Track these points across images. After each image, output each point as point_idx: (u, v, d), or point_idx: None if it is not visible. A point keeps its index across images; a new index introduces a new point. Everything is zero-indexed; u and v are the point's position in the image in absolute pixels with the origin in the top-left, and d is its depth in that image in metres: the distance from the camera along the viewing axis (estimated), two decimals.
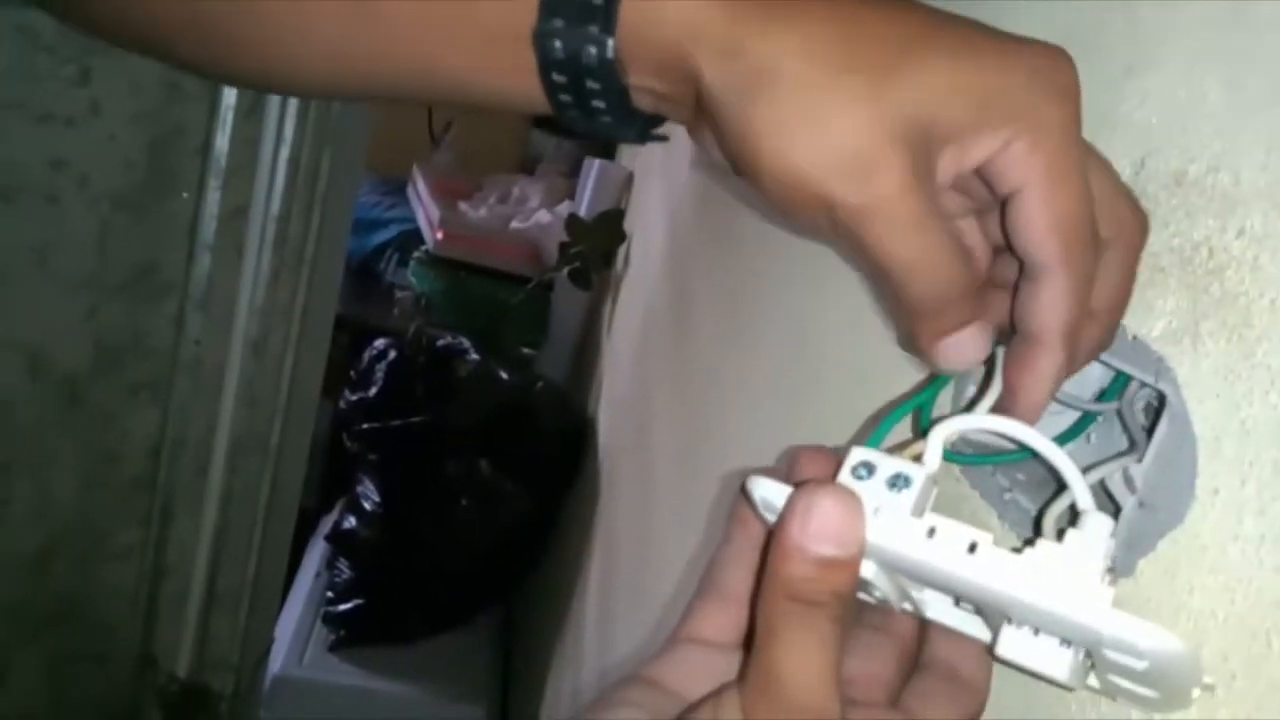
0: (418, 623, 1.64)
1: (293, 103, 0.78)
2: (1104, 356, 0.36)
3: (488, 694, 1.65)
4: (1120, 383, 0.38)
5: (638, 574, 1.12)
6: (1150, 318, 0.35)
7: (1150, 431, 0.34)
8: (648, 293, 1.44)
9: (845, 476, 0.30)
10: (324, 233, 0.84)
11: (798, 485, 0.28)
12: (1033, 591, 0.26)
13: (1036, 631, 0.28)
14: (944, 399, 0.43)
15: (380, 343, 1.74)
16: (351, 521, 1.67)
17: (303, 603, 1.69)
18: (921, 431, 0.32)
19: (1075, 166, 0.30)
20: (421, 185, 2.20)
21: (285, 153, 0.79)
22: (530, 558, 1.69)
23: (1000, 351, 0.34)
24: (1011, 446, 0.40)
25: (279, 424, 0.87)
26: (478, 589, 1.69)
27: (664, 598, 0.94)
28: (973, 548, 0.27)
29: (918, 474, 0.29)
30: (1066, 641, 0.28)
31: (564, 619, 1.49)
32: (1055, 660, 0.28)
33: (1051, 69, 0.31)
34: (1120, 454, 0.35)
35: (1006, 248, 0.32)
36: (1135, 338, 0.35)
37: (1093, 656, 0.28)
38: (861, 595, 0.31)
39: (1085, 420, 0.39)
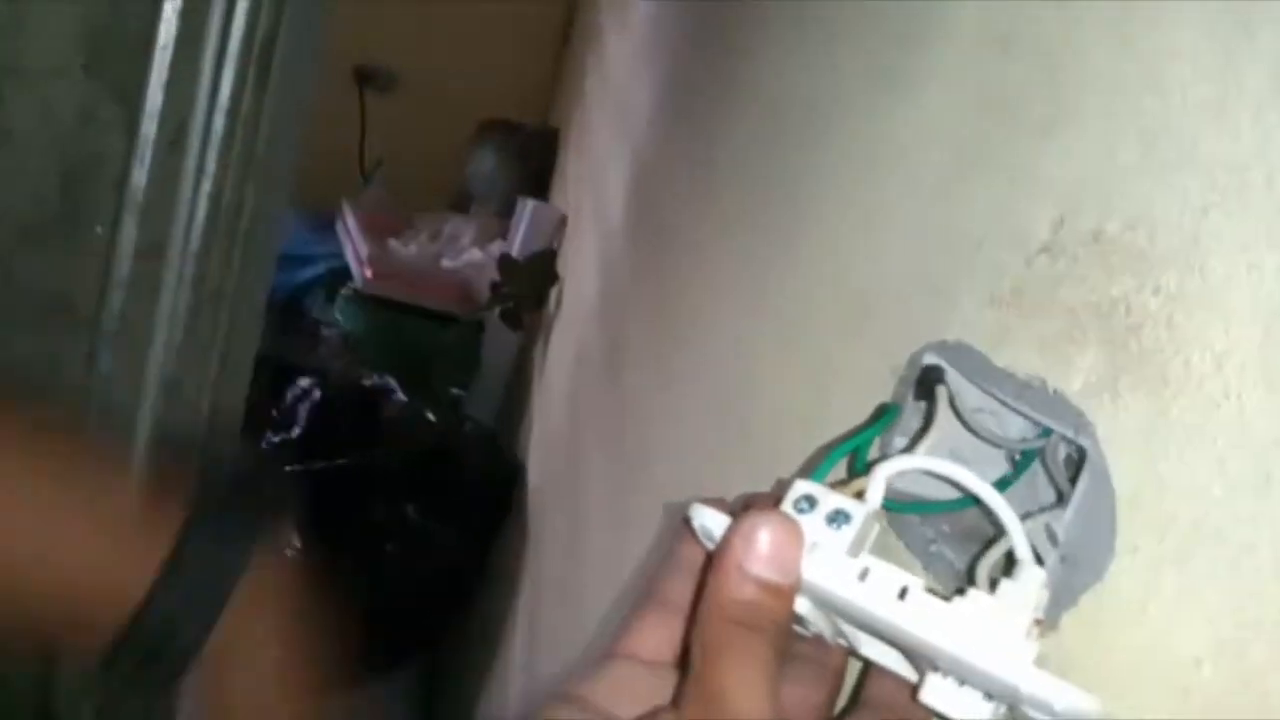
0: (339, 671, 1.59)
1: (215, 135, 0.76)
2: (1025, 409, 0.37)
3: None
4: (1044, 434, 0.38)
5: (566, 621, 1.10)
6: (1070, 373, 0.36)
7: (1073, 484, 0.34)
8: (580, 334, 1.44)
9: (787, 508, 0.30)
10: (246, 270, 0.81)
11: (739, 513, 0.28)
12: (956, 644, 0.26)
13: (961, 682, 0.28)
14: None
15: (304, 382, 1.70)
16: None
17: None
18: (857, 470, 0.32)
19: None
20: (351, 221, 2.17)
21: (207, 187, 0.76)
22: (458, 603, 1.66)
23: (941, 391, 0.35)
24: (943, 497, 0.41)
25: (195, 466, 0.84)
26: (402, 636, 1.65)
27: (589, 650, 0.92)
28: (903, 593, 0.27)
29: (858, 511, 0.29)
30: (989, 695, 0.28)
31: (489, 667, 1.46)
32: (976, 712, 0.28)
33: None
34: (1046, 508, 0.36)
35: None
36: (1055, 391, 0.36)
37: (1012, 711, 0.28)
38: (797, 628, 0.31)
39: (1022, 464, 0.39)
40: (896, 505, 0.40)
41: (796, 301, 0.63)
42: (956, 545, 0.40)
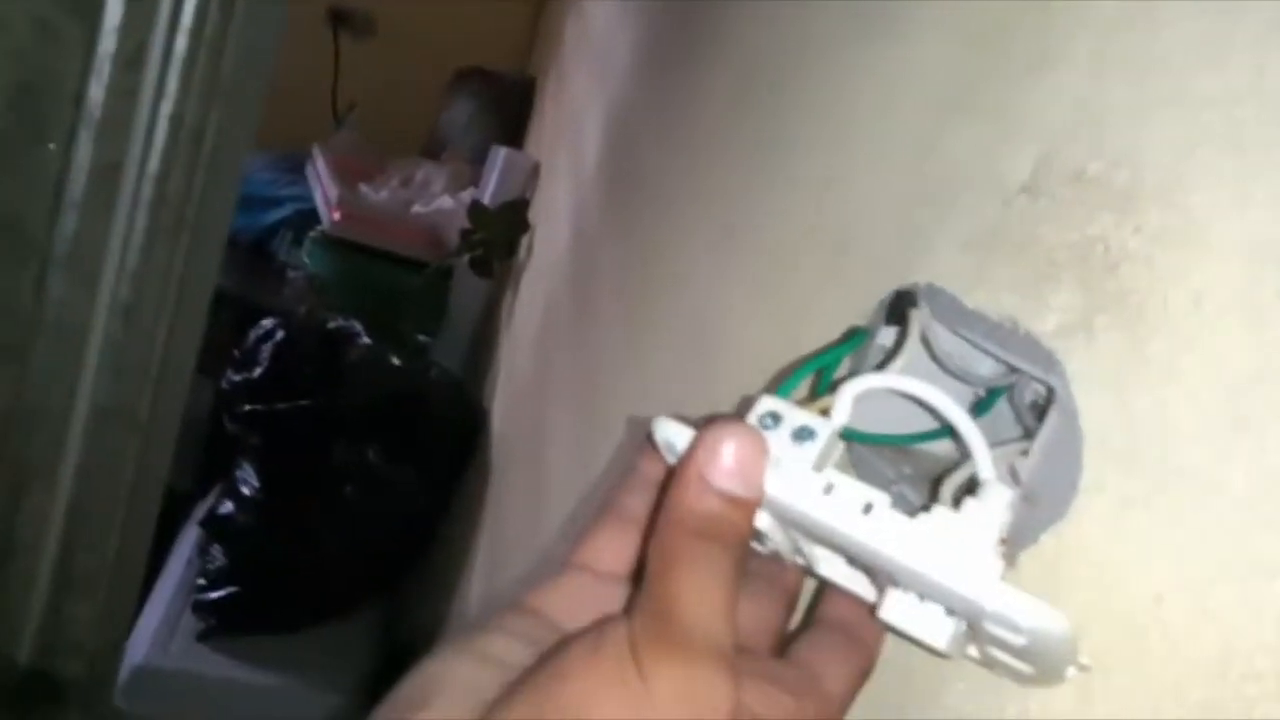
0: (294, 613, 1.58)
1: (177, 55, 0.73)
2: (994, 349, 0.36)
3: (365, 687, 1.60)
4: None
5: (523, 570, 1.09)
6: (1044, 312, 0.35)
7: (1040, 425, 0.34)
8: (550, 284, 1.42)
9: (752, 423, 0.29)
10: (207, 197, 0.79)
11: (703, 427, 0.27)
12: (920, 559, 0.26)
13: (922, 598, 0.28)
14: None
15: (267, 322, 1.67)
16: (229, 506, 1.60)
17: (171, 590, 1.61)
18: (822, 390, 0.31)
19: None
20: (321, 164, 2.13)
21: (167, 108, 0.74)
22: (417, 549, 1.65)
23: (914, 314, 0.34)
24: (910, 431, 0.40)
25: (148, 396, 0.82)
26: (360, 580, 1.64)
27: None
28: (868, 508, 0.26)
29: (823, 428, 0.28)
30: (950, 610, 0.27)
31: (448, 610, 1.45)
32: (936, 629, 0.27)
33: None
34: (1009, 441, 0.35)
35: None
36: (1027, 332, 0.35)
37: (973, 628, 0.27)
38: (754, 545, 0.30)
39: (988, 401, 0.38)
40: (859, 435, 0.39)
41: (770, 248, 0.62)
42: (918, 485, 0.40)
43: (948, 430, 0.40)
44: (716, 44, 0.88)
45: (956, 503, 0.28)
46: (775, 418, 0.29)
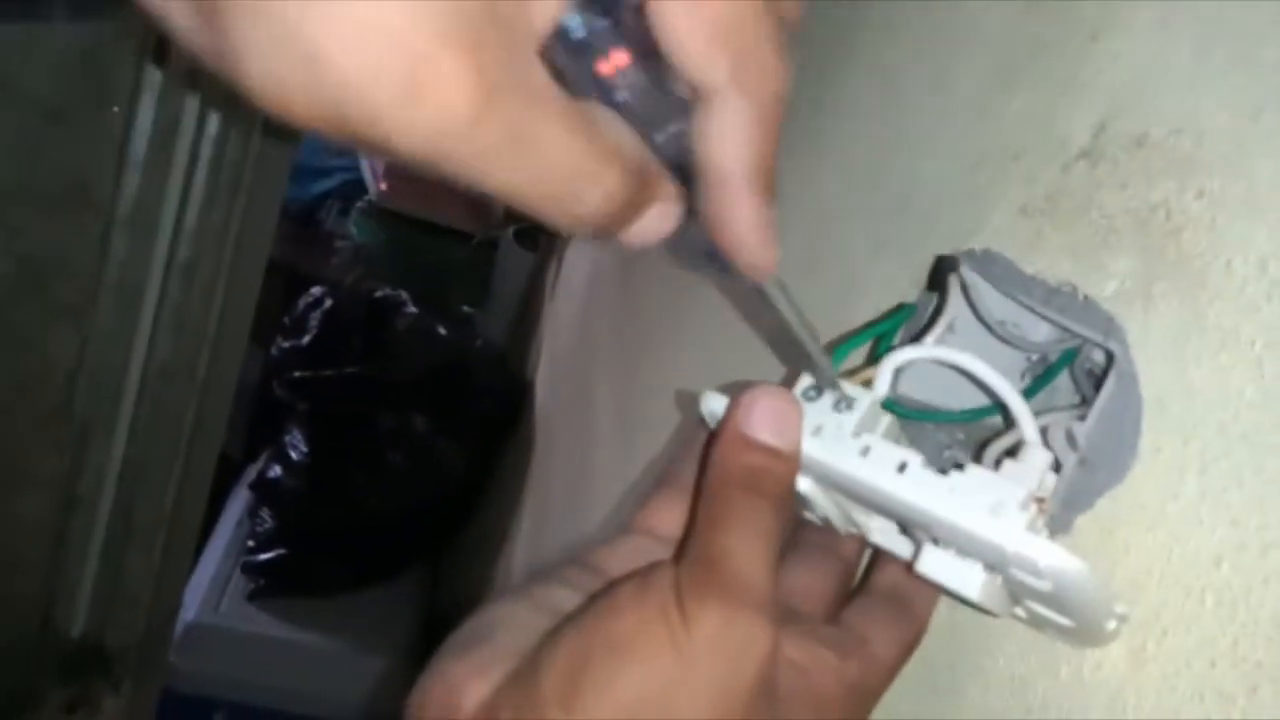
0: (340, 576, 1.61)
1: None
2: (1053, 315, 0.36)
3: (408, 649, 1.63)
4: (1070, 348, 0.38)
5: (570, 537, 1.11)
6: (1103, 279, 0.35)
7: (1097, 391, 0.34)
8: (594, 257, 1.43)
9: (795, 395, 0.30)
10: (264, 159, 0.80)
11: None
12: (947, 509, 0.27)
13: (954, 551, 0.28)
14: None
15: (316, 290, 1.70)
16: (277, 471, 1.63)
17: (222, 551, 1.65)
18: (876, 360, 0.32)
19: None
20: None
21: None
22: (460, 516, 1.68)
23: (953, 279, 0.34)
24: (957, 407, 0.40)
25: (206, 354, 0.84)
26: (404, 545, 1.67)
27: None
28: (902, 467, 0.28)
29: (863, 398, 0.30)
30: (990, 567, 0.28)
31: (490, 579, 1.48)
32: (968, 579, 0.28)
33: None
34: (1066, 407, 0.35)
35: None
36: (1086, 297, 0.35)
37: (1005, 579, 0.28)
38: (806, 514, 0.32)
39: (1057, 366, 0.38)
40: (906, 412, 0.40)
41: (824, 214, 0.62)
42: (971, 452, 0.40)
43: (994, 407, 0.40)
44: None
45: (997, 465, 0.29)
46: (818, 390, 0.30)
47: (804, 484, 0.30)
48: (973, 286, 0.39)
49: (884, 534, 0.32)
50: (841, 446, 0.29)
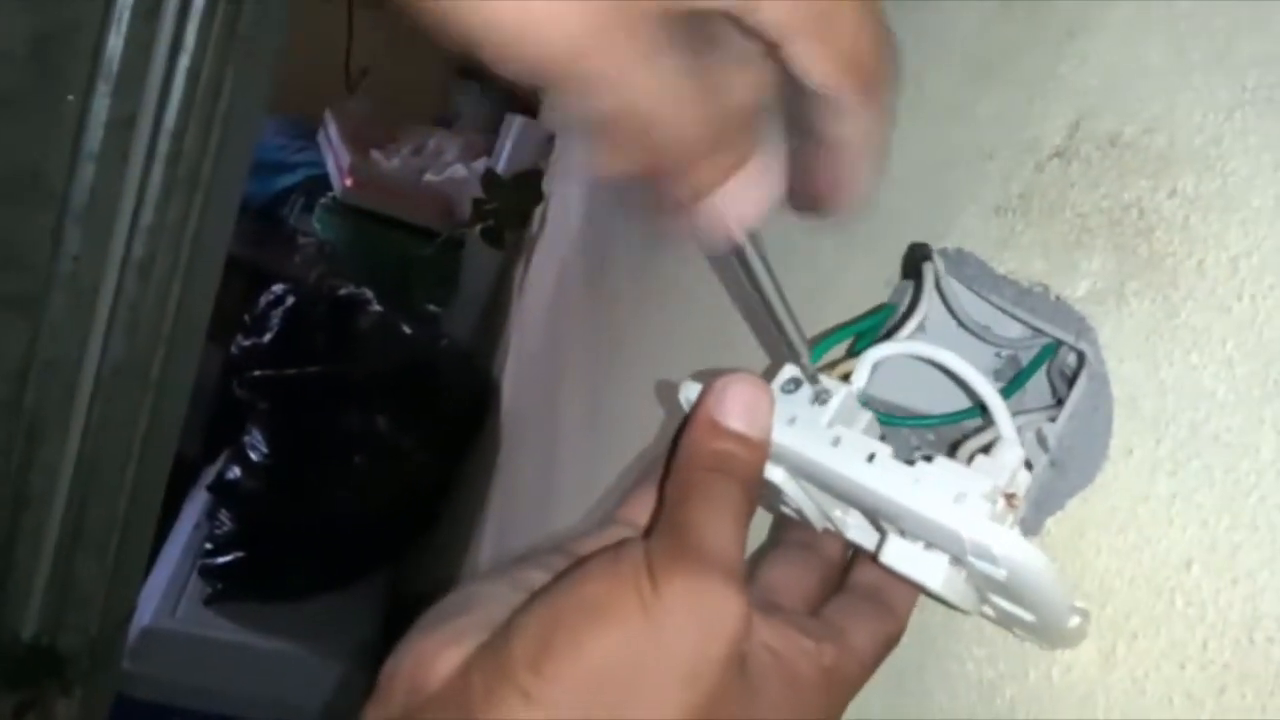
0: (301, 579, 1.58)
1: (195, 8, 0.72)
2: (1024, 315, 0.36)
3: (369, 654, 1.61)
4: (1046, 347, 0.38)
5: (536, 540, 1.10)
6: (1075, 278, 0.35)
7: (1070, 391, 0.33)
8: (563, 256, 1.42)
9: (775, 388, 0.31)
10: (223, 154, 0.78)
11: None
12: (908, 497, 0.27)
13: (915, 540, 0.28)
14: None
15: (278, 288, 1.67)
16: (236, 472, 1.60)
17: (179, 553, 1.62)
18: (856, 353, 0.32)
19: None
20: (333, 130, 2.12)
21: (185, 62, 0.73)
22: (424, 519, 1.66)
23: (928, 269, 0.34)
24: (935, 411, 0.40)
25: (162, 353, 0.82)
26: (367, 548, 1.65)
27: None
28: (871, 458, 0.28)
29: (840, 391, 0.30)
30: (943, 551, 0.28)
31: (454, 580, 1.46)
32: (929, 569, 0.28)
33: None
34: (1038, 409, 0.35)
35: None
36: (1058, 298, 0.35)
37: (971, 575, 0.28)
38: (784, 509, 0.32)
39: (1033, 366, 0.38)
40: (885, 418, 0.40)
41: (790, 218, 0.61)
42: (940, 449, 0.39)
43: (964, 411, 0.40)
44: None
45: (971, 461, 0.28)
46: (797, 383, 0.31)
47: (777, 475, 0.30)
48: (946, 280, 0.39)
49: (860, 530, 0.32)
50: (814, 436, 0.29)
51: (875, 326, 0.36)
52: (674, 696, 0.25)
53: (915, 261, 0.38)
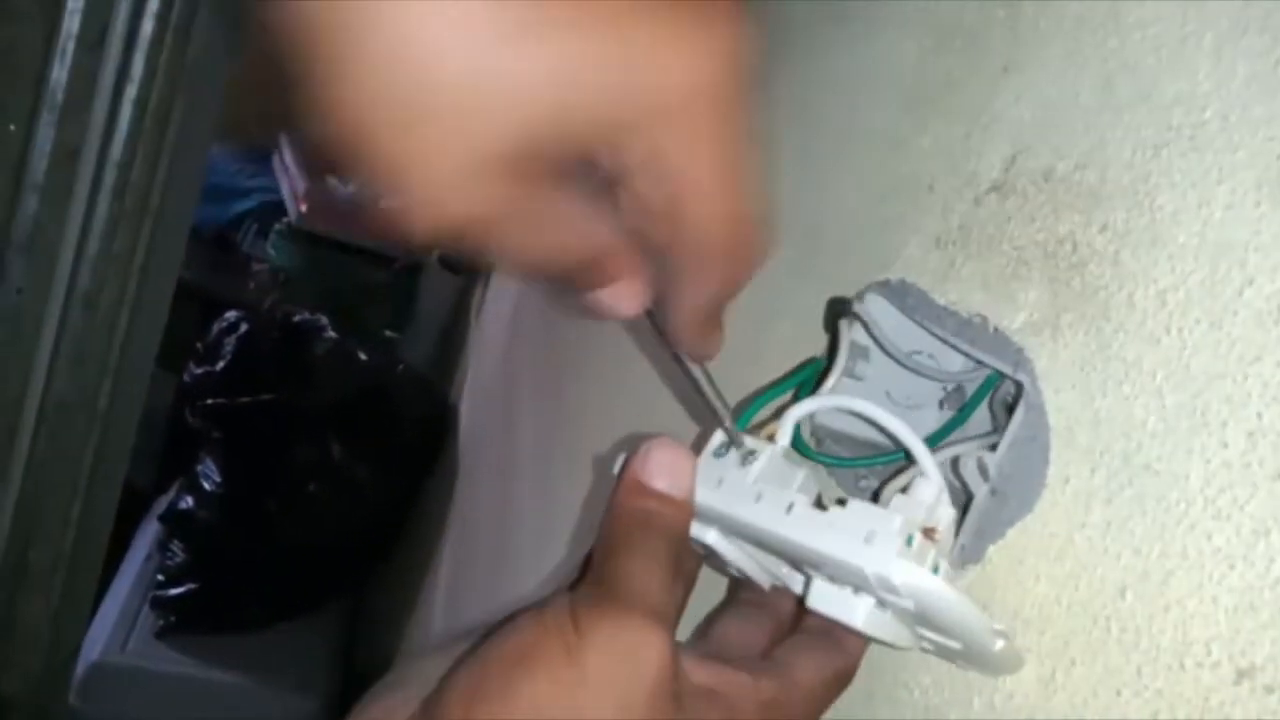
0: (255, 611, 1.56)
1: (142, 38, 0.71)
2: (964, 346, 0.37)
3: (325, 687, 1.58)
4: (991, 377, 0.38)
5: (493, 567, 1.09)
6: (1012, 309, 0.35)
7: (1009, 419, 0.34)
8: (520, 284, 1.41)
9: (707, 454, 0.32)
10: (171, 185, 0.77)
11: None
12: (819, 540, 0.28)
13: (857, 590, 0.29)
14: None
15: (231, 315, 1.65)
16: (189, 502, 1.57)
17: (129, 586, 1.58)
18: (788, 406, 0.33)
19: (718, 165, 0.24)
20: (289, 156, 2.10)
21: (132, 92, 0.72)
22: (381, 548, 1.64)
23: (844, 325, 0.36)
24: (878, 450, 0.41)
25: (108, 386, 0.80)
26: (323, 578, 1.63)
27: (519, 592, 0.92)
28: (789, 508, 0.29)
29: (765, 451, 0.31)
30: (858, 589, 0.29)
31: (412, 610, 1.44)
32: (849, 608, 0.29)
33: (699, 44, 0.22)
34: (979, 436, 0.35)
35: None
36: (996, 329, 0.36)
37: (894, 610, 0.29)
38: (730, 572, 0.33)
39: (972, 402, 0.39)
40: (826, 459, 0.41)
41: None
42: (884, 479, 0.40)
43: (900, 453, 0.40)
44: None
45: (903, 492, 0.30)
46: (727, 447, 0.32)
47: (710, 536, 0.31)
48: (874, 323, 0.40)
49: (795, 581, 0.33)
50: (737, 495, 0.30)
51: (810, 377, 0.37)
52: None
53: (833, 317, 0.39)
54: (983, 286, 0.37)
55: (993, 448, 0.34)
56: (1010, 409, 0.35)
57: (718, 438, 0.33)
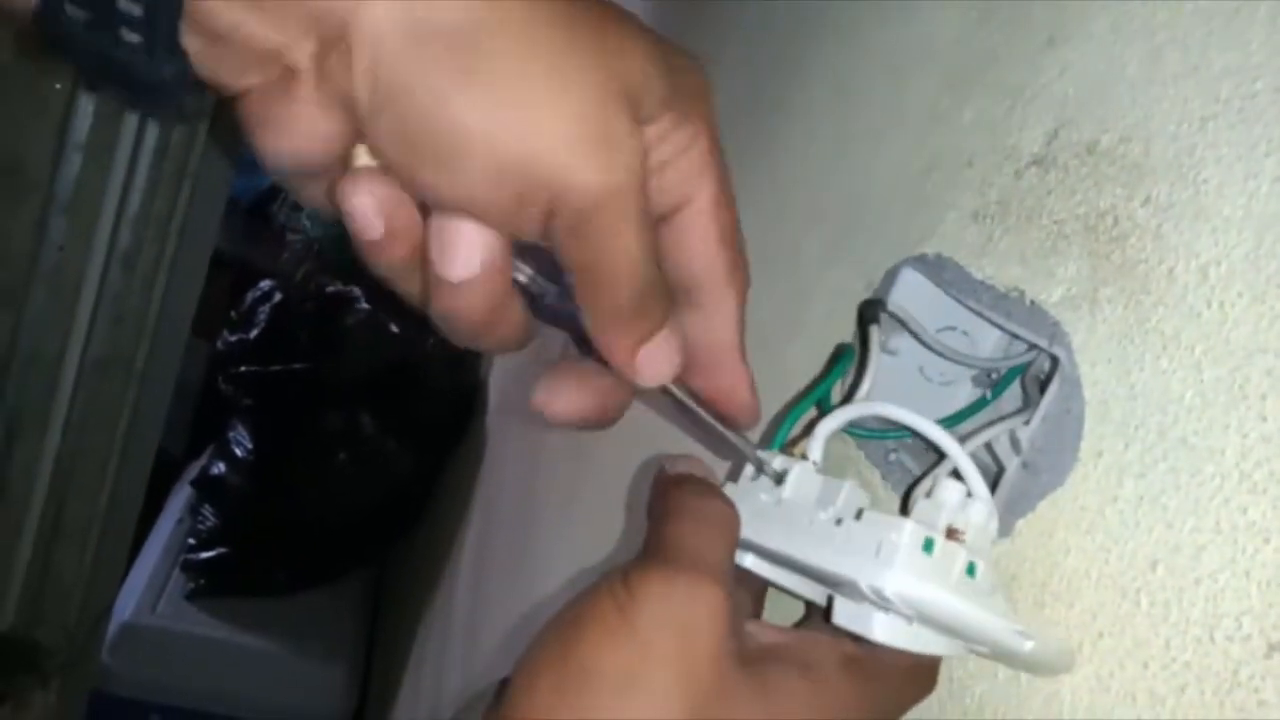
0: (283, 576, 1.58)
1: None
2: (1000, 319, 0.36)
3: (350, 654, 1.60)
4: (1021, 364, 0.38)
5: (517, 542, 1.10)
6: (1050, 284, 0.35)
7: (1042, 395, 0.34)
8: None
9: (745, 480, 0.33)
10: (211, 148, 0.78)
11: None
12: (816, 555, 0.28)
13: (887, 611, 0.29)
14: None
15: (265, 284, 1.67)
16: (220, 468, 1.60)
17: (161, 549, 1.61)
18: (824, 413, 0.33)
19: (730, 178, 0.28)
20: None
21: None
22: (407, 519, 1.65)
23: (874, 330, 0.36)
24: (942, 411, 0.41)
25: (146, 346, 0.81)
26: (349, 547, 1.65)
27: (543, 569, 0.92)
28: (807, 527, 0.29)
29: (795, 469, 0.31)
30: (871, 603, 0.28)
31: (436, 583, 1.46)
32: (868, 622, 0.28)
33: (698, 73, 0.27)
34: (1011, 414, 0.35)
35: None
36: (1033, 302, 0.35)
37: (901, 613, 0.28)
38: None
39: (1004, 382, 0.39)
40: (858, 433, 0.41)
41: (778, 216, 0.62)
42: (917, 454, 0.40)
43: (948, 419, 0.40)
44: (721, 15, 0.88)
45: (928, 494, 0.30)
46: (758, 473, 0.32)
47: (748, 560, 0.32)
48: (908, 315, 0.40)
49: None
50: (760, 518, 0.30)
51: (828, 388, 0.37)
52: (670, 694, 0.25)
53: (864, 321, 0.39)
54: (1020, 261, 0.37)
55: (1026, 422, 0.34)
56: (1043, 386, 0.34)
57: (750, 459, 0.33)
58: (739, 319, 0.30)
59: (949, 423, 0.41)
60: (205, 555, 1.56)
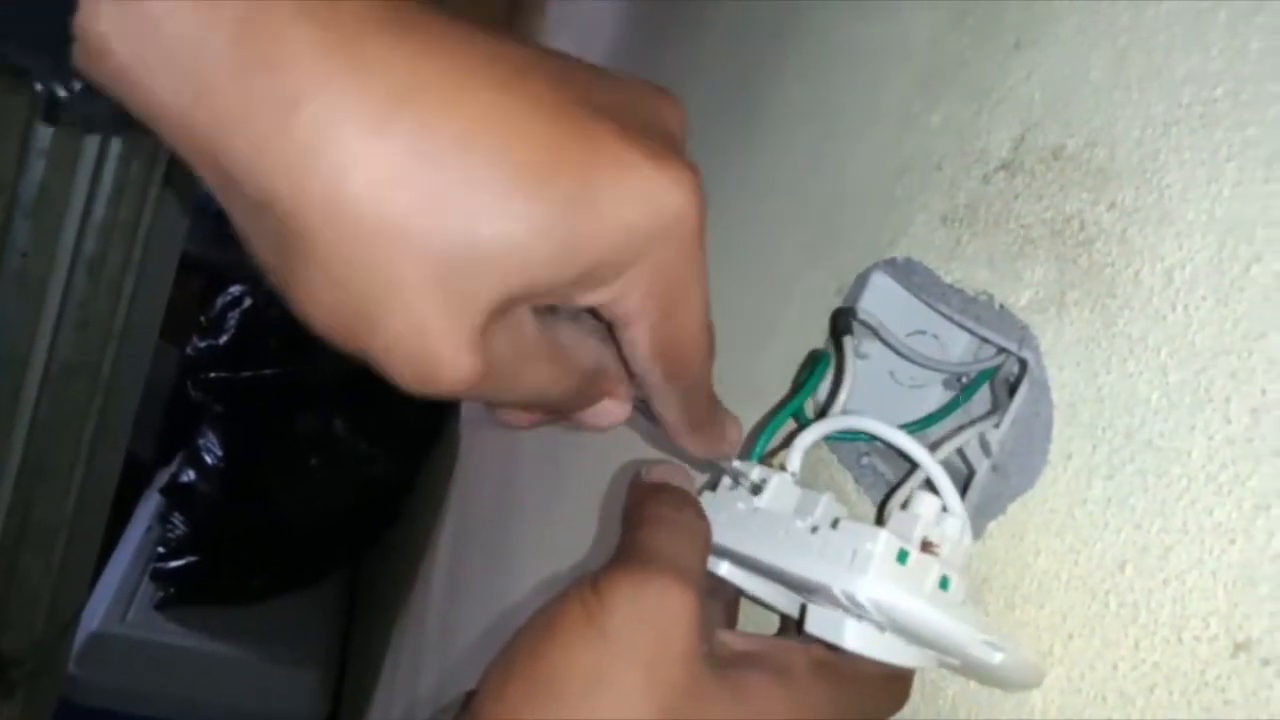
0: (255, 584, 1.57)
1: None
2: (969, 323, 0.37)
3: (323, 659, 1.59)
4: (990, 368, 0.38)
5: (492, 546, 1.09)
6: (1018, 287, 0.35)
7: (1011, 398, 0.34)
8: None
9: (723, 490, 0.33)
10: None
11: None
12: (791, 561, 0.28)
13: (859, 619, 0.29)
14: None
15: (236, 288, 1.65)
16: (190, 475, 1.58)
17: (130, 557, 1.59)
18: (801, 429, 0.34)
19: (688, 294, 0.26)
20: None
21: None
22: (381, 524, 1.64)
23: (848, 341, 0.36)
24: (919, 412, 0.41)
25: (112, 351, 0.80)
26: (322, 552, 1.63)
27: (518, 573, 0.92)
28: (782, 534, 0.29)
29: (774, 480, 0.32)
30: (873, 623, 0.29)
31: (411, 587, 1.45)
32: (839, 630, 0.29)
33: (665, 183, 0.24)
34: (981, 418, 0.35)
35: None
36: (1002, 306, 0.36)
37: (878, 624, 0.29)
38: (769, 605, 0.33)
39: (971, 387, 0.39)
40: (831, 436, 0.41)
41: (753, 217, 0.62)
42: (888, 458, 0.40)
43: (919, 422, 0.41)
44: (697, 16, 0.88)
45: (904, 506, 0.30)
46: (734, 484, 0.33)
47: (723, 568, 0.32)
48: (879, 323, 0.40)
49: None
50: (735, 525, 0.31)
51: (804, 399, 0.37)
52: (640, 694, 0.25)
53: (837, 332, 0.39)
54: (988, 264, 0.37)
55: (996, 425, 0.34)
56: (1012, 389, 0.35)
57: (729, 469, 0.33)
58: (682, 414, 0.29)
59: (920, 426, 0.41)
60: (175, 564, 1.54)
